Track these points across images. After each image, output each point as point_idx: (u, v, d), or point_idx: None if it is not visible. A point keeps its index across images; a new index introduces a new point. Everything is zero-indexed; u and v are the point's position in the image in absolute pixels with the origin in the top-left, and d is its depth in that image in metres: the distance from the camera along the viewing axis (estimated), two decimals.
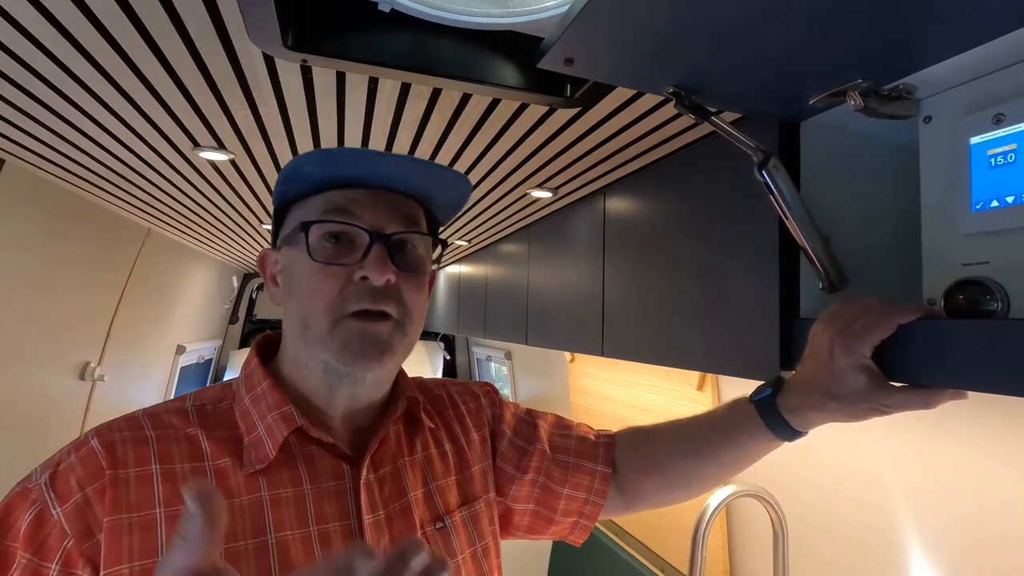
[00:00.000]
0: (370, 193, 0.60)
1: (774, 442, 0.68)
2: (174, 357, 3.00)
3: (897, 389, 0.58)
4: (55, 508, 0.49)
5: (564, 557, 2.46)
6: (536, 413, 0.83)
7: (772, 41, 0.55)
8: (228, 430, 0.58)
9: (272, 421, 0.57)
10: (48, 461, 0.53)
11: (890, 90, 0.63)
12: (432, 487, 0.66)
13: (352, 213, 0.59)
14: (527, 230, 1.84)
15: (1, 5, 0.65)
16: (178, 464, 0.54)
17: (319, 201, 0.60)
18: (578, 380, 2.41)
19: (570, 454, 0.78)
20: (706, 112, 0.68)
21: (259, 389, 0.60)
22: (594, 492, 0.77)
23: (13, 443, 1.57)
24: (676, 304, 0.98)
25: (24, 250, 1.46)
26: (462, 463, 0.72)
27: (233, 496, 0.54)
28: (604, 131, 0.94)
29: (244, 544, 0.52)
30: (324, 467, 0.59)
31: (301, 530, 0.55)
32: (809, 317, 0.72)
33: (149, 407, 0.59)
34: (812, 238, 0.69)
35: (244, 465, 0.56)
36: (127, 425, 0.56)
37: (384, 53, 0.74)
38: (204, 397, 0.62)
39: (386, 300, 0.58)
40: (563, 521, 0.78)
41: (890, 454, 1.02)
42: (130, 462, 0.52)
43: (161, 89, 0.86)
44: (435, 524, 0.64)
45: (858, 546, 1.10)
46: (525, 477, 0.75)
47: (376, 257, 0.57)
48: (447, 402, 0.76)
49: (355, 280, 0.57)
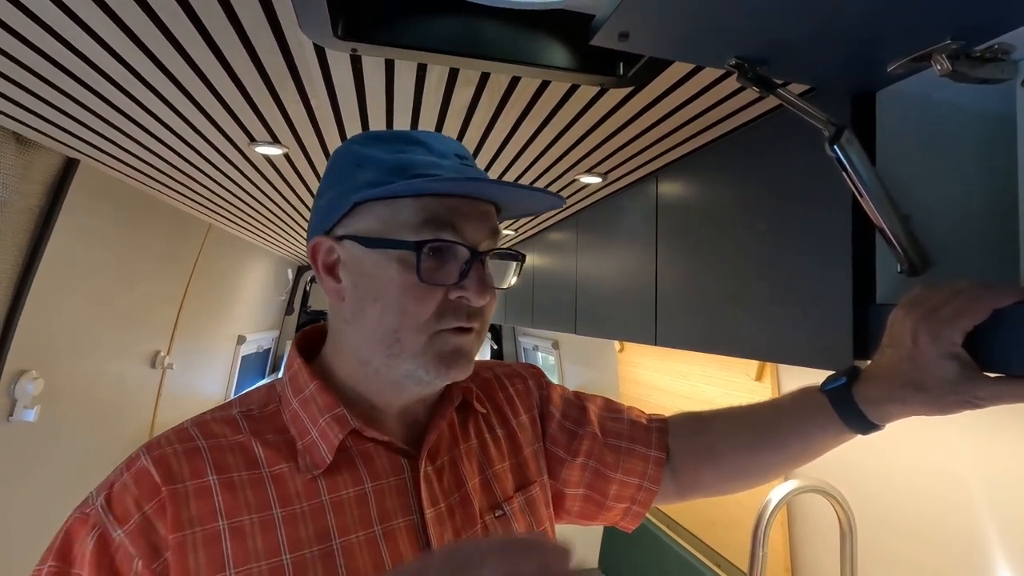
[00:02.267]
0: (469, 204, 0.57)
1: (845, 434, 0.64)
2: (235, 347, 3.14)
3: (992, 380, 0.53)
4: (116, 530, 0.48)
5: (615, 547, 2.44)
6: (585, 396, 0.81)
7: (847, 0, 0.51)
8: (279, 434, 0.57)
9: (325, 424, 0.56)
10: (103, 483, 0.52)
11: (983, 51, 0.57)
12: (488, 474, 0.66)
13: (455, 228, 0.55)
14: (575, 217, 1.81)
15: (72, 9, 0.68)
16: (235, 473, 0.53)
17: (415, 208, 0.55)
18: (628, 370, 2.36)
19: (622, 438, 0.76)
20: (772, 84, 0.64)
21: (307, 392, 0.58)
22: (647, 478, 0.75)
23: (95, 426, 1.68)
24: (735, 291, 0.94)
25: (99, 246, 1.56)
26: (515, 447, 0.71)
27: (293, 503, 0.53)
28: (658, 111, 0.91)
29: (310, 552, 0.51)
30: (383, 464, 0.58)
31: (365, 531, 0.54)
32: (887, 303, 0.67)
33: (196, 417, 0.58)
34: (890, 217, 0.64)
35: (301, 470, 0.54)
36: (177, 438, 0.54)
37: (432, 38, 0.73)
38: (250, 402, 0.60)
39: (475, 316, 0.58)
40: (615, 507, 0.76)
41: (973, 450, 0.94)
42: (186, 475, 0.51)
43: (219, 85, 0.88)
44: (494, 512, 0.63)
45: (935, 548, 1.03)
46: (576, 461, 0.74)
47: (477, 278, 0.56)
48: (495, 385, 0.75)
49: (451, 298, 0.56)
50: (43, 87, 0.92)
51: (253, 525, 0.51)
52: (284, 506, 0.52)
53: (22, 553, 1.41)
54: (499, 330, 4.41)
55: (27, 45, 0.77)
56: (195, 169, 1.38)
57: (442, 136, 0.62)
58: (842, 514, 1.06)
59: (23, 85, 0.92)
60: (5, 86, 0.92)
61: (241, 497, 0.52)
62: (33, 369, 1.33)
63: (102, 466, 0.53)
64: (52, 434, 1.47)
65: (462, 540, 0.59)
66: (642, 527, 2.17)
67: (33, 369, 1.33)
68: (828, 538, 1.28)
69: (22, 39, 0.75)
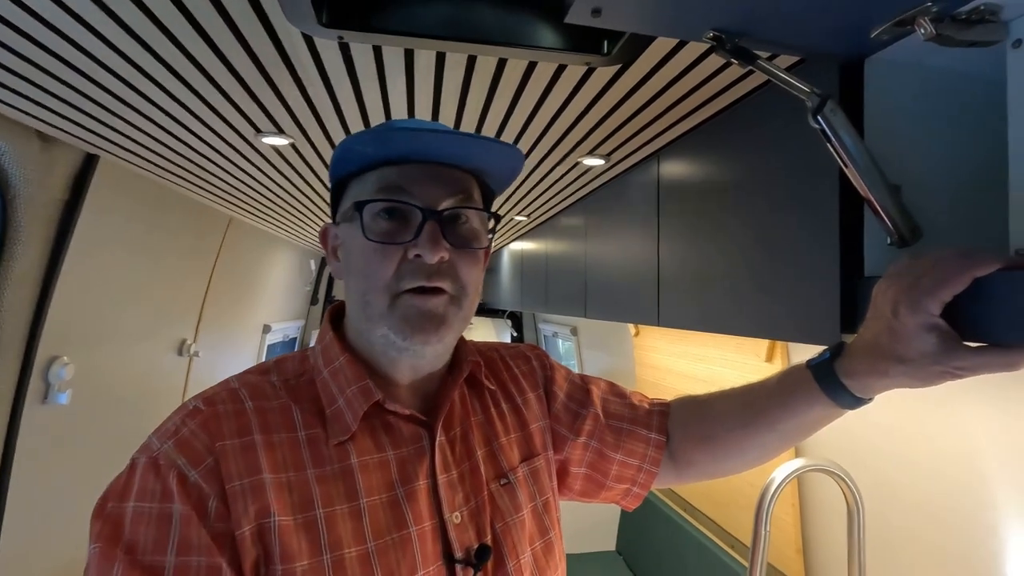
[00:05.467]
0: (423, 168, 0.60)
1: (833, 409, 0.64)
2: (261, 335, 3.23)
3: (973, 350, 0.51)
4: (190, 471, 0.51)
5: (631, 529, 2.45)
6: (589, 378, 0.82)
7: None
8: (312, 402, 0.60)
9: (352, 395, 0.60)
10: (164, 431, 0.55)
11: (968, 12, 0.55)
12: (495, 445, 0.68)
13: (405, 190, 0.59)
14: (583, 202, 1.80)
15: (81, 16, 0.72)
16: (275, 434, 0.56)
17: (373, 178, 0.60)
18: (644, 354, 2.36)
19: (624, 420, 0.77)
20: (752, 56, 0.63)
21: (337, 363, 0.62)
22: (648, 460, 0.76)
23: (125, 410, 1.76)
24: (730, 269, 0.93)
25: (123, 237, 1.63)
26: (520, 421, 0.73)
27: (325, 464, 0.57)
28: (648, 89, 0.90)
29: (340, 508, 0.55)
30: (402, 433, 0.61)
31: (388, 493, 0.58)
32: (874, 276, 0.66)
33: (241, 376, 0.62)
34: (878, 188, 0.62)
35: (330, 436, 0.58)
36: (228, 396, 0.58)
37: (416, 24, 0.74)
38: (287, 370, 0.63)
39: (440, 276, 0.58)
40: (615, 487, 0.77)
41: (982, 428, 0.92)
42: (235, 433, 0.55)
43: (219, 78, 0.91)
44: (499, 481, 0.66)
45: (945, 526, 1.01)
46: (578, 440, 0.76)
47: (429, 235, 0.57)
48: (500, 364, 0.77)
49: (409, 258, 0.58)
50: (61, 87, 0.97)
51: (291, 481, 0.55)
52: (317, 466, 0.56)
53: (59, 527, 1.50)
54: (520, 317, 4.43)
55: (43, 49, 0.82)
56: (208, 161, 1.43)
57: (423, 120, 0.64)
58: (848, 493, 1.05)
59: (43, 87, 0.97)
60: (27, 88, 0.98)
61: (280, 455, 0.55)
62: (64, 355, 1.40)
63: (132, 449, 0.56)
64: (84, 417, 1.56)
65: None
66: (657, 510, 2.17)
67: (64, 355, 1.40)
68: (839, 518, 1.27)
69: (39, 44, 0.81)
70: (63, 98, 1.02)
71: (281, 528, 0.52)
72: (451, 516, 0.60)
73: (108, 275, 1.59)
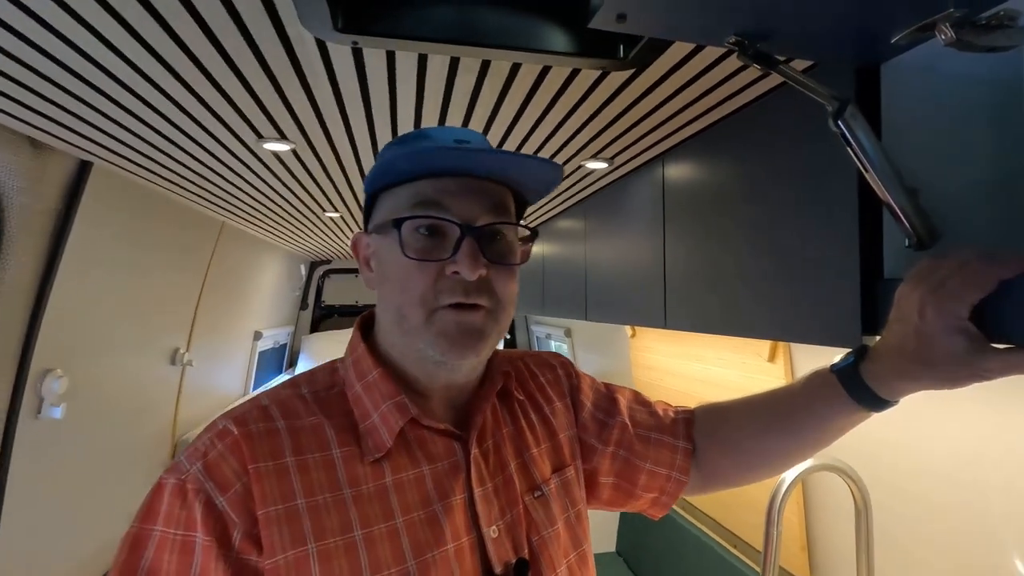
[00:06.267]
0: (459, 182, 0.59)
1: (858, 413, 0.64)
2: (252, 343, 3.19)
3: (1001, 351, 0.52)
4: (218, 497, 0.51)
5: (632, 530, 2.46)
6: (614, 387, 0.82)
7: None
8: (345, 417, 0.59)
9: (387, 410, 0.59)
10: (193, 451, 0.54)
11: (988, 18, 0.55)
12: (526, 456, 0.67)
13: (442, 205, 0.57)
14: (582, 204, 1.80)
15: (80, 14, 0.69)
16: (309, 455, 0.55)
17: (409, 192, 0.59)
18: (640, 355, 2.36)
19: (651, 429, 0.77)
20: (773, 61, 0.63)
21: (370, 378, 0.61)
22: (676, 468, 0.76)
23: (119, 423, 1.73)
24: (744, 271, 0.94)
25: (116, 246, 1.59)
26: (549, 432, 0.72)
27: (360, 484, 0.56)
28: (661, 92, 0.90)
29: (378, 528, 0.54)
30: (437, 448, 0.61)
31: (425, 510, 0.57)
32: (894, 277, 0.67)
33: (271, 392, 0.61)
34: (896, 191, 0.63)
35: (364, 453, 0.57)
36: (260, 416, 0.57)
37: (431, 28, 0.73)
38: (316, 383, 0.62)
39: (478, 293, 0.57)
40: (644, 496, 0.77)
41: (989, 427, 0.94)
42: (268, 455, 0.54)
43: (224, 83, 0.89)
44: (533, 493, 0.65)
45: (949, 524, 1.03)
46: (607, 449, 0.75)
47: (468, 252, 0.56)
48: (527, 374, 0.76)
49: (447, 274, 0.57)
50: (55, 91, 0.94)
51: (327, 504, 0.54)
52: (353, 486, 0.55)
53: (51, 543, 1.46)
54: (512, 319, 4.42)
55: (39, 51, 0.79)
56: (205, 168, 1.40)
57: (448, 127, 0.64)
58: (856, 492, 1.06)
59: (36, 90, 0.94)
60: (19, 92, 0.95)
61: (315, 477, 0.54)
62: (58, 368, 1.36)
63: (126, 463, 0.55)
64: (78, 431, 1.52)
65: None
66: None
67: (58, 368, 1.36)
68: (843, 516, 1.28)
69: (35, 46, 0.77)
70: (57, 102, 0.99)
71: (319, 553, 0.51)
72: (488, 530, 0.59)
73: (101, 285, 1.56)
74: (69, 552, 1.48)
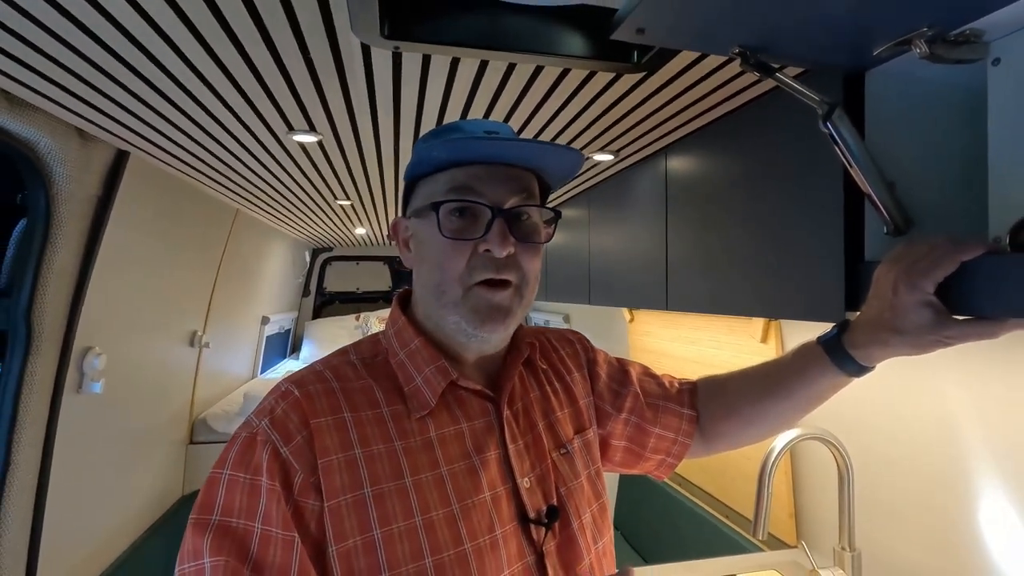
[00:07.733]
0: (489, 169, 0.66)
1: (841, 377, 0.73)
2: (260, 327, 3.26)
3: (961, 322, 0.61)
4: (283, 448, 0.57)
5: (628, 503, 2.56)
6: (626, 361, 0.92)
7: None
8: (390, 380, 0.67)
9: (430, 373, 0.66)
10: (261, 410, 0.61)
11: (957, 35, 0.64)
12: (552, 418, 0.76)
13: (475, 190, 0.64)
14: (586, 194, 1.89)
15: (146, 11, 0.75)
16: (362, 412, 0.63)
17: (444, 179, 0.66)
18: (638, 339, 2.46)
19: (659, 398, 0.87)
20: (771, 69, 0.72)
21: (412, 345, 0.68)
22: (682, 433, 0.85)
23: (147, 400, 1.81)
24: (740, 255, 1.03)
25: (146, 232, 1.66)
26: (571, 398, 0.81)
27: (409, 437, 0.63)
28: (667, 93, 0.99)
29: (425, 476, 0.62)
30: (474, 407, 0.68)
31: (465, 461, 0.64)
32: (874, 260, 0.76)
33: (325, 360, 0.68)
34: (877, 185, 0.72)
35: (410, 411, 0.64)
36: (316, 378, 0.64)
37: (465, 34, 0.81)
38: (363, 352, 0.70)
39: (507, 269, 0.65)
40: (652, 458, 0.87)
41: (962, 395, 1.04)
42: (326, 411, 0.61)
43: (268, 78, 0.96)
44: (560, 450, 0.74)
45: (928, 487, 1.13)
46: (620, 416, 0.84)
47: (497, 231, 0.63)
48: (548, 347, 0.86)
49: (480, 252, 0.65)
50: (105, 81, 1.00)
51: (381, 453, 0.62)
52: (402, 439, 0.63)
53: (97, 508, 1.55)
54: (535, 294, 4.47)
55: (94, 39, 0.83)
56: (232, 157, 1.47)
57: (478, 120, 0.72)
58: (840, 458, 1.16)
59: (87, 80, 1.00)
60: (72, 82, 1.01)
61: (369, 430, 0.62)
62: (96, 346, 1.44)
63: (154, 437, 0.62)
64: (115, 406, 1.60)
65: None
66: (653, 484, 2.29)
67: (96, 346, 1.44)
68: (827, 485, 1.38)
69: (92, 35, 0.82)
70: (105, 92, 1.05)
71: (375, 496, 0.59)
72: (522, 481, 0.67)
73: (134, 268, 1.63)
74: (112, 512, 1.57)
